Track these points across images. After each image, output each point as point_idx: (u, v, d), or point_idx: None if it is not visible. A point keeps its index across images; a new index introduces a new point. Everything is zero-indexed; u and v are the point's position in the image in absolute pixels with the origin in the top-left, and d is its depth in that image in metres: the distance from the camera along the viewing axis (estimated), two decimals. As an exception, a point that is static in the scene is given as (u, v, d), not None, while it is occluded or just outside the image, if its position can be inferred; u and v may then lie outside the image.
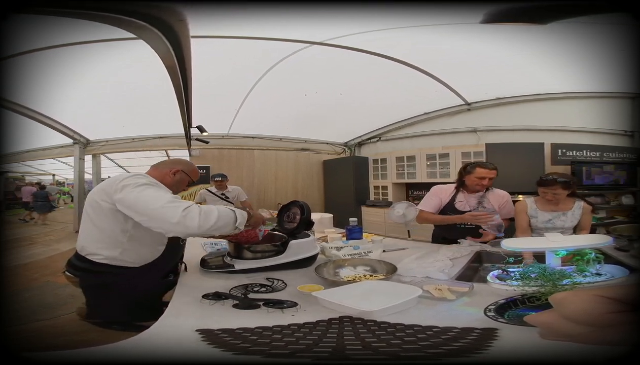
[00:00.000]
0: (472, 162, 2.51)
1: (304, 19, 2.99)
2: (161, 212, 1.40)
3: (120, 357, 0.88)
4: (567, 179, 2.24)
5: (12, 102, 4.87)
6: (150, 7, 1.83)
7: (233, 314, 1.20)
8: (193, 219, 1.38)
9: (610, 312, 0.40)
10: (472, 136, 6.08)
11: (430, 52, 4.16)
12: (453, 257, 1.99)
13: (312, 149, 7.76)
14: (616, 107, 5.19)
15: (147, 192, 1.48)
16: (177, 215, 1.37)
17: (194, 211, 1.40)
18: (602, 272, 1.40)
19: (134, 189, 1.49)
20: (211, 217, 1.42)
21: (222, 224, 1.46)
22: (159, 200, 1.43)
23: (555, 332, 0.45)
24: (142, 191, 1.48)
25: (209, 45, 3.56)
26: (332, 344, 0.88)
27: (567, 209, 2.28)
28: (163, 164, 1.87)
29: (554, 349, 0.51)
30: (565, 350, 0.52)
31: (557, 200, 2.25)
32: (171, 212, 1.38)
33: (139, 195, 1.46)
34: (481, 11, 2.50)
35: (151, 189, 1.51)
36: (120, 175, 1.61)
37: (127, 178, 1.56)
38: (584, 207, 2.29)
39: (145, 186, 1.51)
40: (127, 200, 1.48)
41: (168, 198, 1.45)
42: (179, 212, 1.38)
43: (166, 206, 1.40)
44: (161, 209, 1.40)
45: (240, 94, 5.25)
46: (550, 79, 4.90)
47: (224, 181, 4.69)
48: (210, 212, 1.43)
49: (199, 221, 1.39)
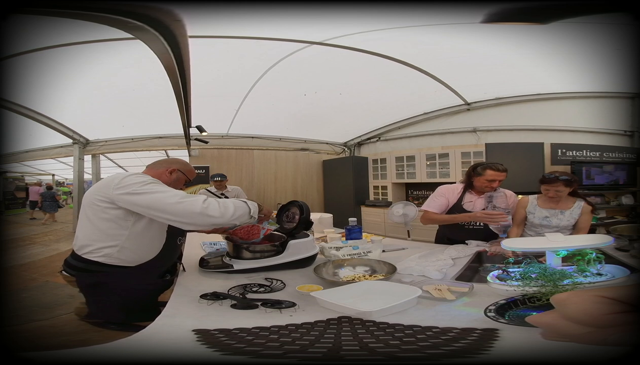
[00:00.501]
0: (482, 163, 2.48)
1: (303, 18, 2.98)
2: (183, 206, 1.43)
3: (116, 356, 0.89)
4: (569, 177, 2.27)
5: (12, 102, 4.87)
6: (146, 8, 1.83)
7: (231, 314, 1.19)
8: (215, 209, 1.44)
9: (611, 313, 0.40)
10: (472, 136, 6.08)
11: (429, 52, 4.15)
12: (456, 257, 1.99)
13: (311, 149, 7.75)
14: (616, 107, 5.19)
15: (159, 190, 1.49)
16: (199, 207, 1.42)
17: (212, 202, 1.46)
18: (603, 272, 1.39)
19: (144, 187, 1.49)
20: (229, 208, 1.48)
21: (240, 213, 1.53)
22: (174, 196, 1.45)
23: (557, 332, 0.44)
24: (154, 190, 1.48)
25: (209, 45, 3.56)
26: (329, 345, 0.88)
27: (567, 207, 2.30)
28: (159, 163, 1.86)
29: (556, 350, 0.50)
30: (568, 350, 0.51)
31: (559, 198, 2.28)
32: (191, 205, 1.42)
33: (152, 195, 1.47)
34: (481, 11, 2.50)
35: (160, 186, 1.52)
36: (117, 175, 1.59)
37: (127, 177, 1.54)
38: (583, 206, 2.29)
39: (153, 184, 1.52)
40: (143, 202, 1.47)
41: (181, 193, 1.48)
42: (200, 204, 1.43)
43: (184, 200, 1.44)
44: (180, 203, 1.43)
45: (239, 94, 5.24)
46: (550, 79, 4.90)
47: (223, 181, 4.69)
48: (226, 203, 1.49)
49: (219, 210, 1.45)
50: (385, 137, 7.27)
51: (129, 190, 1.49)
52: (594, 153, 5.35)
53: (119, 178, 1.55)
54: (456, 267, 1.82)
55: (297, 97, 5.41)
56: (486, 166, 2.43)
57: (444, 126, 6.37)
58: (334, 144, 7.88)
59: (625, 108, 5.19)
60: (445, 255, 1.99)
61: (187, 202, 1.43)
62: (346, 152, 7.96)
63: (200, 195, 1.50)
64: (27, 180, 11.42)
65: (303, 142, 7.64)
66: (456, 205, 2.51)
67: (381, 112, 6.48)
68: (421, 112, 6.48)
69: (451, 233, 2.55)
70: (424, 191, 6.43)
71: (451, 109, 6.16)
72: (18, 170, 10.79)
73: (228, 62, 4.22)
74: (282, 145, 7.54)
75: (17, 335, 1.94)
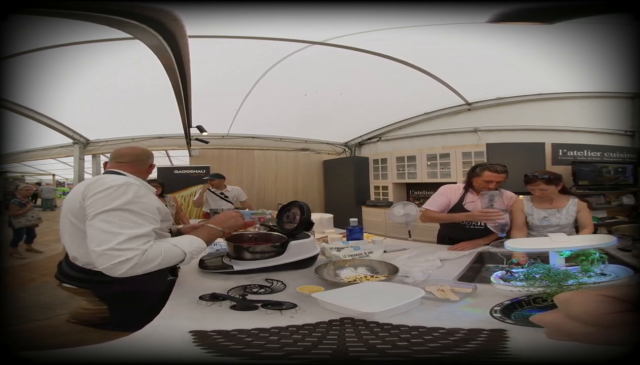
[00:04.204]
0: (482, 164, 2.49)
1: (304, 18, 2.97)
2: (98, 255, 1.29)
3: (113, 356, 0.89)
4: (549, 174, 2.30)
5: (12, 102, 4.86)
6: (143, 8, 1.82)
7: (230, 315, 1.18)
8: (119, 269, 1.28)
9: (614, 312, 0.40)
10: (473, 136, 6.06)
11: (430, 52, 4.15)
12: (446, 258, 2.00)
13: (312, 149, 7.74)
14: (616, 107, 5.18)
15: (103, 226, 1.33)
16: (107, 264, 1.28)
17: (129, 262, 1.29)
18: (606, 272, 1.38)
19: (98, 214, 1.34)
20: (148, 266, 1.32)
21: (164, 264, 1.38)
22: (109, 240, 1.30)
23: (561, 331, 0.45)
24: (102, 220, 1.33)
25: (209, 45, 3.55)
26: (333, 346, 0.87)
27: (562, 206, 2.32)
28: (136, 158, 1.73)
29: (566, 350, 0.50)
30: (575, 350, 0.51)
31: (548, 197, 2.30)
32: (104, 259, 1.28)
33: (96, 223, 1.33)
34: (482, 11, 2.49)
35: (113, 219, 1.34)
36: (100, 181, 1.45)
37: (104, 191, 1.39)
38: (578, 203, 2.32)
39: (113, 212, 1.35)
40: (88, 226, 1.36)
41: (115, 241, 1.30)
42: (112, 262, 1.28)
43: (106, 253, 1.28)
44: (100, 254, 1.28)
45: (240, 94, 5.23)
46: (550, 79, 4.88)
47: (219, 180, 4.69)
48: (152, 260, 1.33)
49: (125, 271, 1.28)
50: (386, 137, 7.26)
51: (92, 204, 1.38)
52: (594, 153, 5.34)
53: (97, 187, 1.41)
54: (459, 267, 1.82)
55: (297, 97, 5.39)
56: (485, 167, 2.43)
57: (444, 126, 6.36)
58: (335, 144, 7.86)
59: (626, 108, 5.18)
60: (434, 256, 2.00)
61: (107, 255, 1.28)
62: (347, 152, 7.94)
63: (139, 247, 1.32)
64: (27, 180, 11.41)
65: (304, 142, 7.62)
66: (457, 205, 2.51)
67: (382, 112, 6.47)
68: (422, 112, 6.47)
69: (452, 233, 2.55)
70: (425, 191, 6.42)
71: (452, 109, 6.14)
72: (19, 170, 10.78)
73: (228, 62, 4.21)
74: (283, 145, 7.53)
75: (16, 335, 1.94)
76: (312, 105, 5.66)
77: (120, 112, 5.74)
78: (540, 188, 2.27)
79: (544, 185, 2.26)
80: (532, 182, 2.30)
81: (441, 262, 1.90)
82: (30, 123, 5.51)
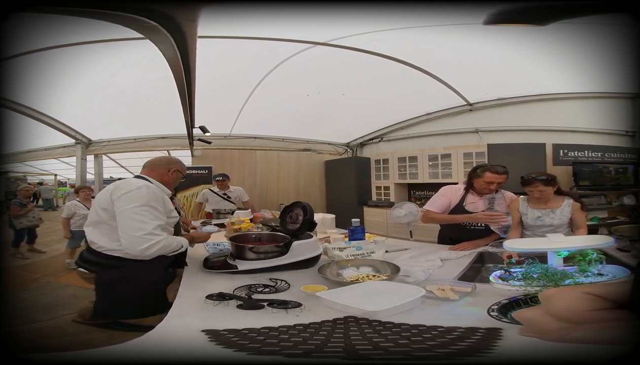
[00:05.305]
0: (483, 165, 2.50)
1: (307, 19, 2.99)
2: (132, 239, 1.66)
3: (125, 358, 0.87)
4: (547, 176, 2.31)
5: (14, 102, 4.88)
6: (164, 6, 1.81)
7: (237, 314, 1.20)
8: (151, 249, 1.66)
9: (594, 309, 0.40)
10: (474, 136, 6.07)
11: (432, 53, 4.16)
12: (446, 258, 2.02)
13: (314, 150, 7.75)
14: (617, 107, 5.18)
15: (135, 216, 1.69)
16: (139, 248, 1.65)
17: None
18: (604, 272, 1.40)
19: (128, 205, 1.70)
20: (168, 249, 1.73)
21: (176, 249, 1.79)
22: (139, 228, 1.67)
23: (534, 328, 0.44)
24: (133, 212, 1.69)
25: (212, 45, 3.56)
26: (341, 344, 0.89)
27: (556, 206, 2.34)
28: (158, 164, 2.03)
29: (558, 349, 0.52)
30: (570, 350, 0.52)
31: (545, 197, 2.32)
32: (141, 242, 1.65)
33: (129, 215, 1.69)
34: (482, 12, 2.50)
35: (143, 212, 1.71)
36: (125, 184, 1.80)
37: (129, 192, 1.74)
38: (572, 204, 2.33)
39: (141, 207, 1.71)
40: (118, 217, 1.71)
41: (147, 229, 1.67)
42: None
43: (143, 237, 1.66)
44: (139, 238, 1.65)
45: (242, 94, 5.25)
46: (551, 80, 4.89)
47: (225, 181, 4.72)
48: (171, 244, 1.74)
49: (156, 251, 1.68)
50: (388, 138, 7.27)
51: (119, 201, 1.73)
52: (595, 153, 5.34)
53: (125, 188, 1.76)
54: (459, 267, 1.84)
55: (300, 97, 5.41)
56: (485, 168, 2.44)
57: (446, 127, 6.36)
58: (337, 144, 7.88)
59: (626, 108, 5.18)
60: (435, 256, 2.02)
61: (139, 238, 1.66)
62: (349, 152, 7.96)
63: (158, 236, 1.69)
64: (29, 180, 11.42)
65: (306, 142, 7.64)
66: (458, 206, 2.53)
67: (384, 112, 6.48)
68: (424, 113, 6.47)
69: (453, 233, 2.56)
70: (427, 192, 6.43)
71: (453, 110, 6.15)
72: (20, 170, 10.81)
73: (231, 63, 4.23)
74: (285, 145, 7.55)
75: (18, 336, 1.94)
76: (315, 105, 5.67)
77: (122, 112, 5.76)
78: (539, 189, 2.28)
79: (542, 187, 2.27)
80: (531, 183, 2.30)
81: (442, 262, 1.93)
82: (33, 123, 5.53)
